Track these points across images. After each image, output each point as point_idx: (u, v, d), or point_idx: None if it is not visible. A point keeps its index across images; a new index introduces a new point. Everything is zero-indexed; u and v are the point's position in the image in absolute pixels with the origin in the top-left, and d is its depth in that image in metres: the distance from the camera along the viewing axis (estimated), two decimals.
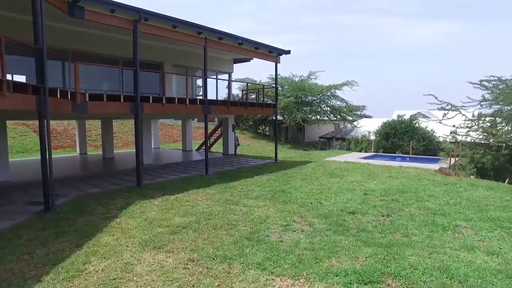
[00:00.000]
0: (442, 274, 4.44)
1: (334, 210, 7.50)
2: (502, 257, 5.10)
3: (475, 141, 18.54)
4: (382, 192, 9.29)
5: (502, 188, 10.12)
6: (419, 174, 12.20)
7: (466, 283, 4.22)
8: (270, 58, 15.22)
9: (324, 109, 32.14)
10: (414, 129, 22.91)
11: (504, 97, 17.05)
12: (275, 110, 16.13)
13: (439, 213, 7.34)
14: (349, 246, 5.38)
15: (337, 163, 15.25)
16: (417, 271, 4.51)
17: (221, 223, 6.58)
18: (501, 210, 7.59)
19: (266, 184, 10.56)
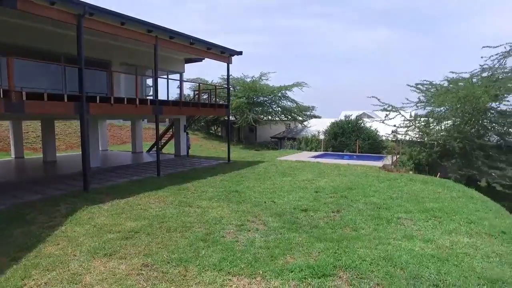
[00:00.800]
0: (387, 263, 4.80)
1: (287, 209, 7.72)
2: (435, 243, 5.64)
3: (412, 140, 20.10)
4: (332, 189, 9.74)
5: (435, 182, 11.11)
6: (365, 171, 12.97)
7: (407, 269, 4.61)
8: (222, 58, 15.21)
9: (276, 110, 32.72)
10: (360, 129, 24.13)
11: (435, 100, 18.69)
12: (228, 111, 16.14)
13: (384, 207, 7.88)
14: (303, 243, 5.59)
15: (289, 162, 15.66)
16: (365, 262, 4.82)
17: (175, 225, 6.47)
18: (434, 202, 8.35)
19: (219, 184, 10.54)
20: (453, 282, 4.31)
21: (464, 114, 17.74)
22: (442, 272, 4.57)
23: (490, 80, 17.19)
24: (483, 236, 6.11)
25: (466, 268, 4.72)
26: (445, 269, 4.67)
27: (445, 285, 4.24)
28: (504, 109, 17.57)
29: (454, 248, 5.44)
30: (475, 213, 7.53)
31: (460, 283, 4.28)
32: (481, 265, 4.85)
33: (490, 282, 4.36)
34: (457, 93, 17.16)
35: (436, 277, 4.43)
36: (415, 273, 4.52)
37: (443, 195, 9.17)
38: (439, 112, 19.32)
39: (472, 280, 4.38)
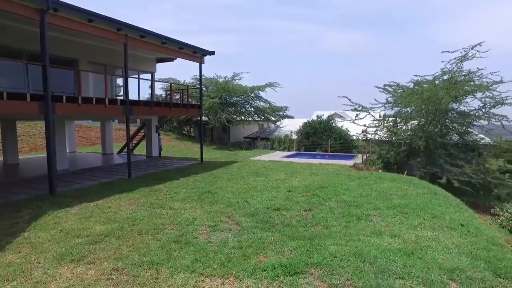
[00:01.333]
0: (356, 258, 4.95)
1: (260, 208, 7.78)
2: (402, 238, 5.88)
3: (381, 139, 20.81)
4: (304, 188, 9.90)
5: (402, 179, 11.56)
6: (337, 170, 13.27)
7: (375, 264, 4.78)
8: (194, 58, 15.07)
9: (249, 110, 32.82)
10: (332, 129, 24.65)
11: (402, 101, 19.46)
12: (200, 111, 16.01)
13: (354, 204, 8.11)
14: (275, 242, 5.65)
15: (262, 162, 15.75)
16: (336, 258, 4.95)
17: (146, 228, 6.35)
18: (402, 198, 8.69)
19: (192, 185, 10.45)
20: (417, 273, 4.52)
21: (428, 114, 18.57)
22: (408, 265, 4.78)
23: (450, 82, 18.10)
24: (445, 229, 6.44)
25: (429, 260, 4.96)
26: (411, 262, 4.88)
27: (410, 277, 4.44)
28: (463, 110, 18.57)
29: (419, 242, 5.69)
30: (438, 208, 7.91)
31: (423, 275, 4.50)
32: (442, 256, 5.11)
33: (449, 272, 4.61)
34: (422, 95, 17.93)
35: (402, 270, 4.62)
36: (383, 267, 4.70)
37: (409, 192, 9.55)
38: (405, 112, 20.12)
39: (434, 271, 4.61)
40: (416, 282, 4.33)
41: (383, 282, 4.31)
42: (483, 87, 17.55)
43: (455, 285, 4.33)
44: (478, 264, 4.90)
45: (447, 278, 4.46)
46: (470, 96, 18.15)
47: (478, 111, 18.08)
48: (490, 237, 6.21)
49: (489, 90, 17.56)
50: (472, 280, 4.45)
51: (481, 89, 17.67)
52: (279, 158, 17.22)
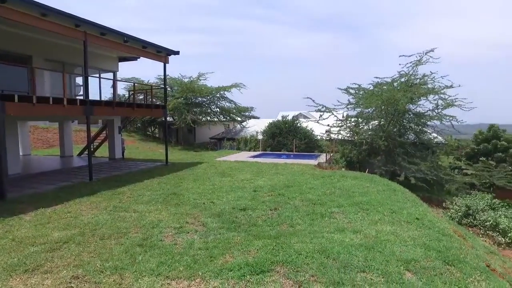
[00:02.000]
0: (321, 255, 5.10)
1: (226, 209, 7.78)
2: (363, 233, 6.14)
3: (344, 139, 21.52)
4: (270, 188, 10.03)
5: (364, 177, 12.03)
6: (302, 170, 13.55)
7: (338, 259, 4.96)
8: (159, 58, 14.75)
9: (214, 110, 32.63)
10: (297, 129, 25.12)
11: (363, 102, 20.23)
12: (165, 111, 15.69)
13: (318, 203, 8.34)
14: (242, 241, 5.69)
15: (228, 162, 15.74)
16: (301, 255, 5.07)
17: (109, 232, 6.15)
18: (363, 195, 9.06)
19: (157, 187, 10.24)
20: (377, 266, 4.75)
21: (388, 115, 19.46)
22: (368, 258, 5.00)
23: (407, 85, 19.10)
24: (402, 223, 6.80)
25: (388, 253, 5.22)
26: (371, 255, 5.11)
27: (370, 270, 4.65)
28: (418, 111, 19.66)
29: (379, 236, 5.97)
30: (396, 204, 8.33)
31: (382, 267, 4.73)
32: (400, 249, 5.41)
33: (406, 263, 4.89)
34: (381, 96, 18.76)
35: (363, 264, 4.83)
36: (346, 262, 4.89)
37: (370, 189, 9.97)
38: (367, 113, 20.93)
39: (392, 263, 4.87)
40: (376, 275, 4.55)
41: (346, 276, 4.48)
42: (436, 90, 18.70)
43: (411, 275, 4.59)
44: (431, 254, 5.24)
45: (403, 269, 4.73)
46: (424, 98, 19.27)
47: (431, 112, 19.22)
48: (441, 228, 6.64)
49: (441, 93, 18.75)
50: (425, 269, 4.75)
51: (433, 92, 18.81)
52: (245, 158, 17.28)
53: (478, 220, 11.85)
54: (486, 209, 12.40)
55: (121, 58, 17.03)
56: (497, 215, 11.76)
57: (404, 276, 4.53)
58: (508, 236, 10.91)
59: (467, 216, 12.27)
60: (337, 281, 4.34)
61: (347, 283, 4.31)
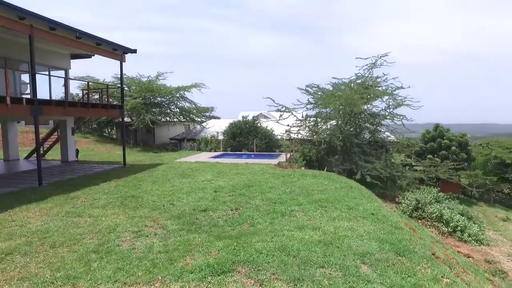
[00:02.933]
0: (281, 253, 5.19)
1: (186, 210, 7.67)
2: (322, 230, 6.34)
3: (304, 138, 22.02)
4: (231, 188, 10.02)
5: (323, 175, 12.41)
6: (262, 169, 13.68)
7: (298, 256, 5.07)
8: (115, 56, 14.16)
9: (174, 111, 31.98)
10: (257, 129, 25.31)
11: (322, 102, 20.87)
12: (122, 112, 15.11)
13: (279, 201, 8.47)
14: (203, 243, 5.64)
15: (188, 163, 15.49)
16: (262, 254, 5.13)
17: (61, 240, 5.81)
18: (322, 193, 9.35)
19: (114, 190, 9.84)
20: (335, 261, 4.93)
21: (345, 115, 20.20)
22: (327, 254, 5.18)
23: (362, 86, 19.97)
24: (358, 219, 7.11)
25: (345, 248, 5.44)
26: (330, 251, 5.29)
27: (329, 265, 4.82)
28: (373, 111, 20.63)
29: (337, 232, 6.19)
30: (353, 200, 8.69)
31: (340, 262, 4.92)
32: (356, 243, 5.65)
33: (362, 256, 5.13)
34: (340, 97, 19.44)
35: (322, 259, 4.99)
36: (306, 258, 5.01)
37: (329, 187, 10.30)
38: (325, 113, 21.58)
39: (349, 257, 5.08)
40: (334, 269, 4.72)
41: (306, 272, 4.60)
42: (388, 92, 19.75)
43: (366, 268, 4.82)
44: (384, 246, 5.53)
45: (360, 262, 4.95)
46: (379, 99, 20.26)
47: (384, 111, 20.26)
48: (394, 222, 7.03)
49: (393, 94, 19.83)
50: (379, 261, 5.01)
51: (386, 93, 19.85)
52: (206, 159, 17.12)
53: (426, 213, 12.67)
54: (432, 202, 13.29)
55: (73, 55, 16.12)
56: (441, 207, 12.66)
57: (360, 269, 4.74)
58: (450, 225, 11.80)
59: (417, 209, 13.08)
60: (297, 278, 4.45)
61: (307, 279, 4.43)
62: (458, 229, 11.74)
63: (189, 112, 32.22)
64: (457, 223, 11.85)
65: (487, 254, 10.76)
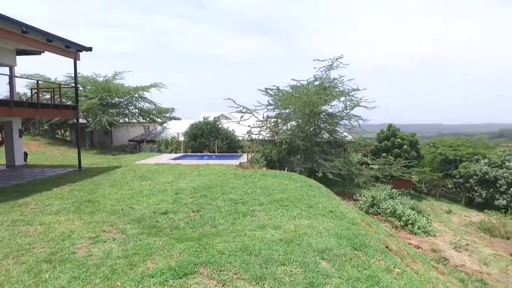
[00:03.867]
0: (243, 252, 5.25)
1: (146, 213, 7.49)
2: (283, 228, 6.49)
3: (265, 139, 22.29)
4: (192, 189, 9.91)
5: (283, 175, 12.66)
6: (224, 170, 13.66)
7: (260, 255, 5.16)
8: (68, 53, 13.38)
9: (133, 111, 30.90)
10: (218, 130, 25.22)
11: (282, 103, 21.22)
12: (76, 112, 14.33)
13: (240, 202, 8.52)
14: (163, 246, 5.55)
15: (148, 165, 15.09)
16: (224, 255, 5.15)
17: (6, 251, 5.43)
18: (282, 192, 9.54)
19: (68, 195, 9.35)
20: (296, 258, 5.07)
21: (305, 116, 20.71)
22: (288, 252, 5.31)
23: (321, 87, 20.61)
24: (318, 216, 7.36)
25: (305, 245, 5.61)
26: (290, 249, 5.43)
27: (290, 263, 4.95)
28: (331, 112, 21.37)
29: (297, 230, 6.37)
30: (312, 199, 8.96)
31: (300, 259, 5.07)
32: (316, 240, 5.85)
33: (321, 252, 5.33)
34: (300, 98, 19.89)
35: (283, 257, 5.11)
36: (267, 257, 5.11)
37: (289, 186, 10.53)
38: (286, 114, 22.00)
39: (309, 254, 5.25)
40: (295, 266, 4.86)
41: (267, 271, 4.69)
42: (345, 93, 20.56)
43: (325, 263, 5.01)
44: (342, 242, 5.78)
45: (319, 258, 5.14)
46: (336, 100, 21.03)
47: (341, 112, 21.05)
48: (351, 218, 7.37)
49: (349, 95, 20.68)
50: (338, 256, 5.23)
51: (343, 94, 20.66)
52: (166, 161, 16.76)
53: (381, 208, 13.38)
54: (387, 198, 14.07)
55: (20, 51, 15.01)
56: (394, 203, 13.45)
57: (319, 265, 4.92)
58: (402, 219, 12.58)
59: (373, 206, 13.76)
60: (259, 276, 4.52)
61: (268, 277, 4.52)
62: (409, 223, 12.53)
63: (148, 112, 31.29)
64: (408, 217, 12.64)
65: (433, 244, 11.59)
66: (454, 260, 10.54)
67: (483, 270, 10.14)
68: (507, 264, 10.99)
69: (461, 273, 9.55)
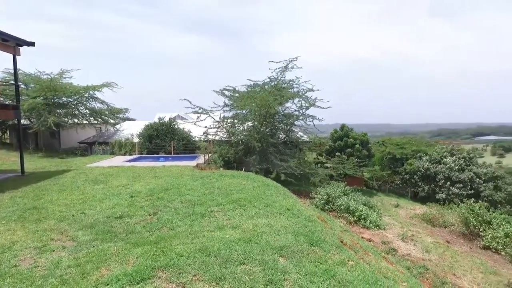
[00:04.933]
0: (202, 254, 5.22)
1: (100, 218, 7.18)
2: (241, 228, 6.54)
3: (222, 139, 22.21)
4: (148, 192, 9.63)
5: (241, 175, 12.71)
6: (180, 171, 13.41)
7: (219, 255, 5.16)
8: (5, 48, 12.35)
9: (83, 112, 29.17)
10: (174, 130, 24.72)
11: (238, 104, 21.28)
12: (17, 113, 13.25)
13: (198, 203, 8.44)
14: (119, 251, 5.35)
15: (101, 168, 14.40)
16: (183, 257, 5.08)
17: None
18: (240, 192, 9.58)
19: (9, 203, 8.66)
20: (255, 257, 5.14)
21: (261, 116, 20.93)
22: (247, 251, 5.37)
23: (276, 88, 20.97)
24: (276, 215, 7.50)
25: (264, 243, 5.70)
26: (249, 248, 5.49)
27: (249, 261, 5.00)
28: (287, 112, 21.82)
29: (255, 229, 6.44)
30: (270, 198, 9.11)
31: (259, 257, 5.15)
32: (274, 238, 5.97)
33: (279, 250, 5.45)
34: (255, 99, 20.08)
35: (243, 256, 5.16)
36: (226, 257, 5.12)
37: (247, 186, 10.60)
38: (242, 114, 22.08)
39: (268, 252, 5.35)
40: (254, 265, 4.92)
41: (227, 271, 4.71)
42: (300, 94, 21.12)
43: (284, 260, 5.14)
44: (299, 239, 5.96)
45: (278, 256, 5.25)
46: (291, 101, 21.51)
47: (297, 111, 21.56)
48: (308, 216, 7.60)
49: (304, 96, 21.26)
50: (295, 252, 5.38)
51: (298, 95, 21.20)
52: (121, 163, 16.10)
53: (336, 205, 13.93)
54: (341, 196, 14.68)
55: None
56: (348, 200, 14.08)
57: (278, 262, 5.03)
58: (355, 215, 13.20)
59: (328, 203, 14.28)
60: (219, 277, 4.53)
61: (228, 277, 4.54)
62: (362, 218, 13.18)
63: (100, 113, 29.69)
64: (361, 212, 13.29)
65: (383, 237, 12.31)
66: (401, 250, 11.27)
67: (425, 257, 10.98)
68: (444, 250, 12.02)
69: (407, 262, 10.24)
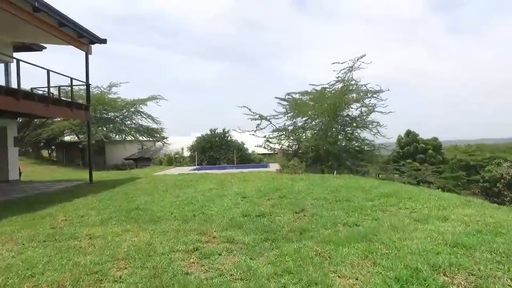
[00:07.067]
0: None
1: (234, 217, 5.47)
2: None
3: (284, 148, 20.41)
4: (257, 193, 7.85)
5: (341, 177, 10.80)
6: (270, 175, 11.63)
7: None
8: (80, 45, 11.14)
9: (130, 127, 28.16)
10: (228, 142, 23.65)
11: (299, 110, 19.39)
12: (88, 114, 12.01)
13: (341, 199, 6.58)
14: (329, 253, 3.53)
15: (172, 175, 12.84)
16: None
17: (69, 277, 3.28)
18: (377, 188, 7.61)
19: (100, 205, 7.14)
20: None
21: (330, 120, 18.99)
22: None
23: (347, 89, 19.04)
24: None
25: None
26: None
27: None
28: (352, 115, 19.64)
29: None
30: (414, 192, 7.11)
31: None
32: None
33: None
34: (327, 99, 18.27)
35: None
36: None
37: (367, 184, 8.63)
38: (303, 121, 20.20)
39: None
40: None
41: None
42: (372, 92, 18.88)
43: None
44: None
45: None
46: (356, 104, 19.46)
47: (362, 116, 19.39)
48: None
49: (374, 97, 19.01)
50: None
51: (367, 96, 19.02)
52: (189, 171, 14.60)
53: None
54: None
55: (18, 47, 12.60)
56: None
57: None
58: None
59: None
60: None
61: None
62: None
63: (147, 128, 28.57)
64: None
65: None
66: None
67: None
68: None
69: None
